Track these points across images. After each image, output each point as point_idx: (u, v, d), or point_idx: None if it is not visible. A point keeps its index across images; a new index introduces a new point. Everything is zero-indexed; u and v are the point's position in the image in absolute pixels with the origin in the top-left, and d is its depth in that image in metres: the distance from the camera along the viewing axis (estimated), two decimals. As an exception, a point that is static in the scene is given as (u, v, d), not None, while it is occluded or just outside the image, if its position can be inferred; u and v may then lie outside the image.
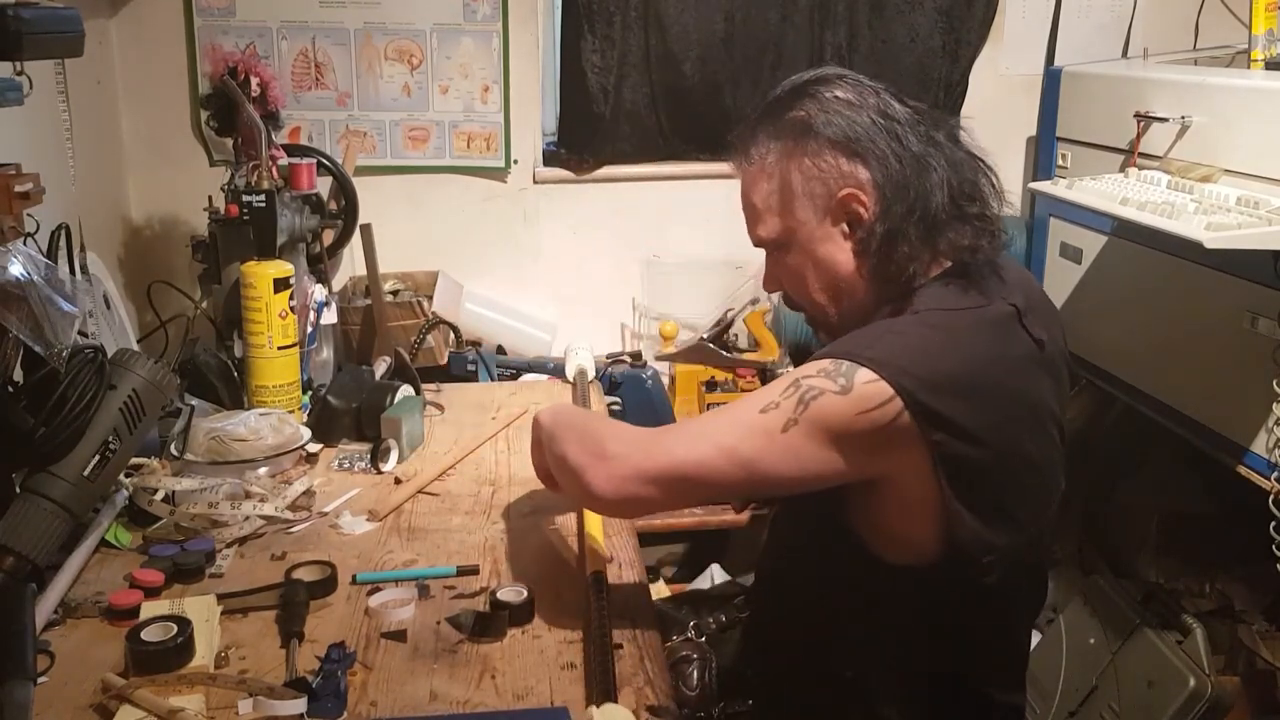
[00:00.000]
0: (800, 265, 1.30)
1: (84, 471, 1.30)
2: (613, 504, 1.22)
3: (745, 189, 1.32)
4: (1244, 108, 1.91)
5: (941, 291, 1.24)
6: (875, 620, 1.24)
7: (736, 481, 1.16)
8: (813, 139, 1.26)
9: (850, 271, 1.28)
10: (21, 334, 1.24)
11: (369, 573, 1.33)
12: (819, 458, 1.13)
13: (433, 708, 1.07)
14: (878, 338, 1.18)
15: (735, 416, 1.18)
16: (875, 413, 1.11)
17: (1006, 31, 2.85)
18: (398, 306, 2.45)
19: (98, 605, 1.24)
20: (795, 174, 1.27)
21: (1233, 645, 2.18)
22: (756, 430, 1.14)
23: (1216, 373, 1.97)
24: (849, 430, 1.12)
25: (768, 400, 1.15)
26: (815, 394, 1.13)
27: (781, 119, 1.29)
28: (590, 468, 1.18)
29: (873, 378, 1.12)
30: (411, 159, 2.76)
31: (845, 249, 1.27)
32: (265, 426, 1.63)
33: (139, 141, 2.65)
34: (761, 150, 1.30)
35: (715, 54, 2.78)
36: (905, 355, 1.14)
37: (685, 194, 2.86)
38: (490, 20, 2.70)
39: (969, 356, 1.17)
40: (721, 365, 2.80)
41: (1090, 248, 2.37)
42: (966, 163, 1.27)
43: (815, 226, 1.27)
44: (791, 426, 1.12)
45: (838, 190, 1.25)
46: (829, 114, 1.26)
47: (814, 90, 1.29)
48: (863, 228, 1.25)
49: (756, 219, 1.32)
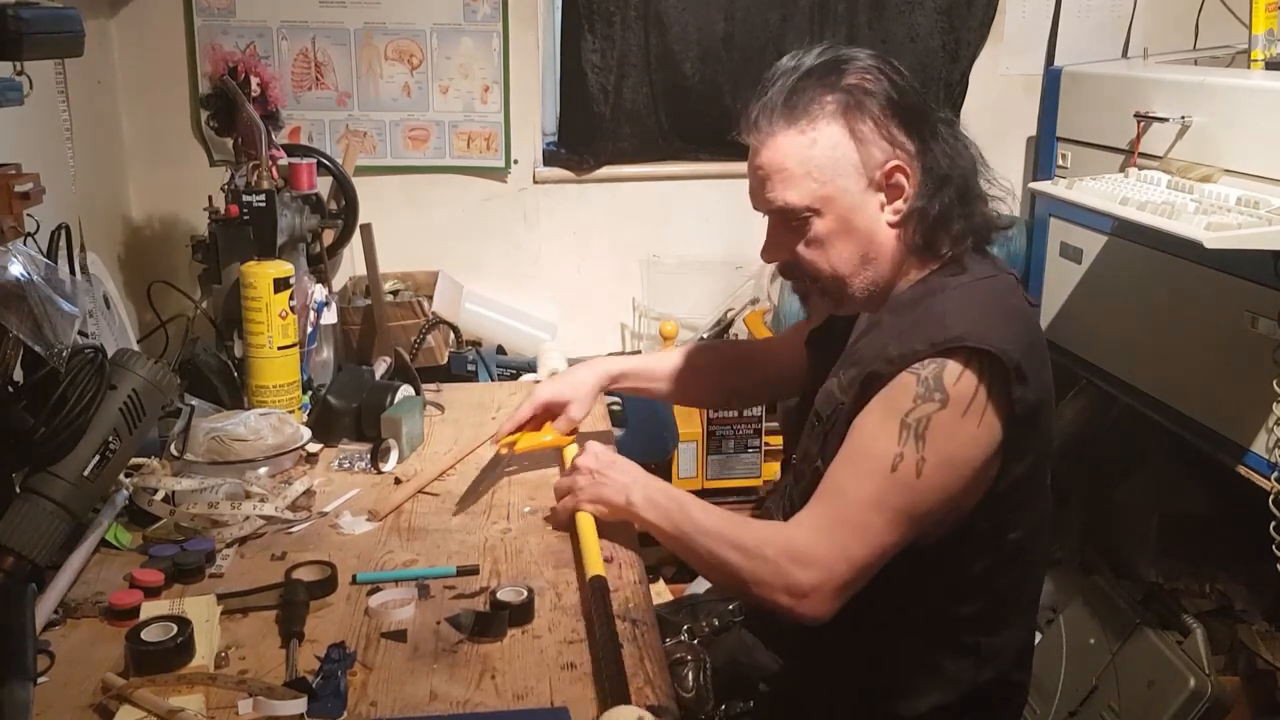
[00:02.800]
0: (830, 233, 1.28)
1: (84, 471, 1.30)
2: (825, 617, 1.23)
3: (776, 151, 1.27)
4: (1244, 108, 1.91)
5: (974, 264, 1.30)
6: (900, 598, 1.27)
7: (905, 538, 1.22)
8: (871, 101, 1.25)
9: (885, 243, 1.29)
10: (21, 334, 1.24)
11: (369, 573, 1.33)
12: (960, 474, 1.21)
13: (433, 708, 1.07)
14: (939, 321, 1.22)
15: (874, 486, 1.20)
16: (975, 400, 1.19)
17: (1006, 31, 2.85)
18: (398, 306, 2.45)
19: (98, 605, 1.24)
20: (850, 137, 1.25)
21: (1233, 645, 2.18)
22: (899, 488, 1.19)
23: (1216, 373, 1.97)
24: (965, 431, 1.19)
25: (891, 455, 1.19)
26: (924, 422, 1.18)
27: (831, 81, 1.26)
28: (796, 605, 1.21)
29: (957, 370, 1.19)
30: (411, 159, 2.75)
31: (883, 220, 1.29)
32: (265, 426, 1.63)
33: (139, 141, 2.65)
34: (812, 110, 1.26)
35: (715, 54, 2.78)
36: (981, 324, 1.21)
37: (685, 194, 2.86)
38: (490, 20, 2.70)
39: (1018, 314, 1.28)
40: (721, 365, 2.80)
41: (1090, 248, 2.38)
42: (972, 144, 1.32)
43: (857, 195, 1.27)
44: (923, 466, 1.18)
45: (888, 160, 1.26)
46: (886, 80, 1.26)
47: (850, 59, 1.28)
48: (904, 199, 1.27)
49: (788, 182, 1.27)
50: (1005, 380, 1.19)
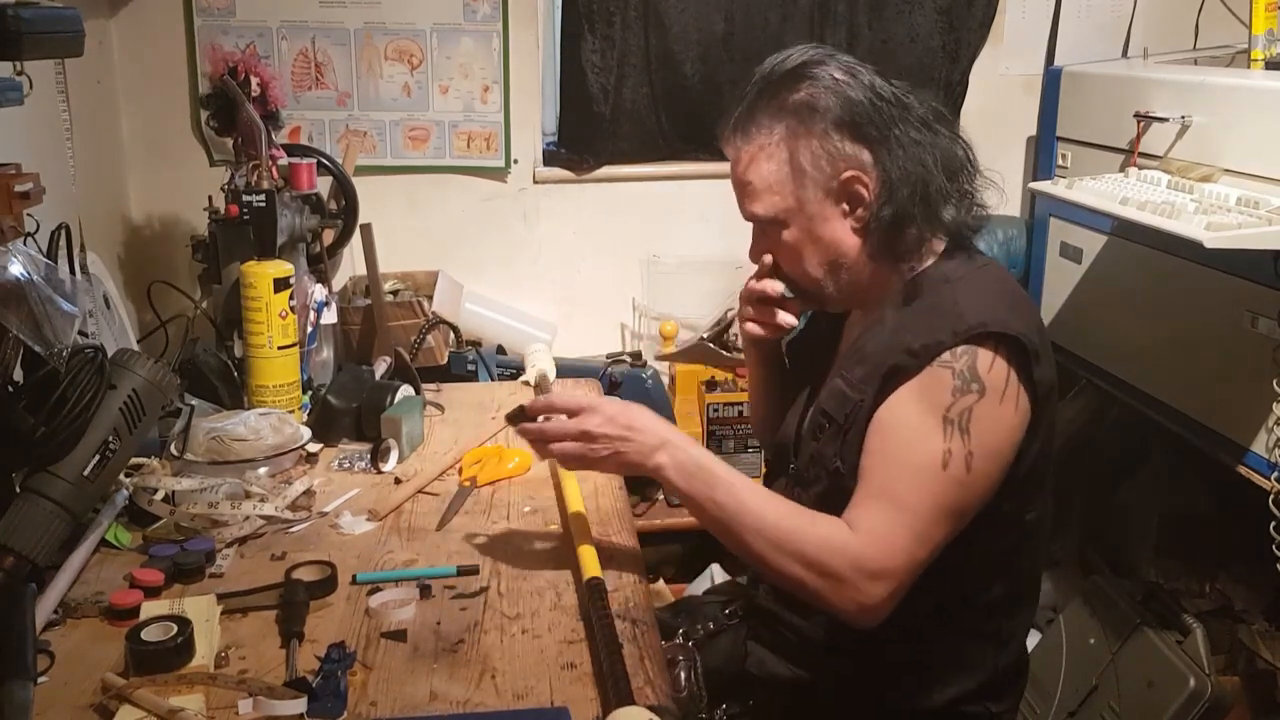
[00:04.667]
0: (798, 242, 1.33)
1: (84, 471, 1.30)
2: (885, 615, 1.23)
3: (742, 168, 1.33)
4: (1244, 108, 1.91)
5: (960, 258, 1.32)
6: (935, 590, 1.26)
7: (955, 530, 1.23)
8: (818, 120, 1.28)
9: (852, 249, 1.32)
10: (21, 334, 1.24)
11: (369, 573, 1.33)
12: (1003, 462, 1.23)
13: (433, 708, 1.07)
14: (955, 311, 1.24)
15: (931, 489, 1.20)
16: (1009, 385, 1.21)
17: (1006, 31, 2.85)
18: (398, 306, 2.45)
19: (98, 605, 1.24)
20: (799, 154, 1.29)
21: (1233, 645, 2.18)
22: (954, 485, 1.20)
23: (1216, 373, 1.97)
24: (1005, 417, 1.21)
25: (940, 454, 1.20)
26: (966, 415, 1.20)
27: (783, 99, 1.30)
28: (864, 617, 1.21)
29: (989, 358, 1.21)
30: (411, 159, 2.75)
31: (846, 228, 1.32)
32: (265, 426, 1.63)
33: (139, 141, 2.65)
34: (764, 130, 1.30)
35: (715, 54, 2.78)
36: (996, 310, 1.23)
37: (685, 194, 2.86)
38: (490, 20, 2.70)
39: (1021, 298, 1.32)
40: (721, 365, 2.79)
41: (1090, 248, 2.37)
42: (948, 138, 1.32)
43: (817, 206, 1.30)
44: (972, 460, 1.20)
45: (841, 172, 1.28)
46: (831, 95, 1.28)
47: (811, 71, 1.30)
48: (864, 208, 1.29)
49: (753, 196, 1.33)
50: (1027, 362, 1.22)
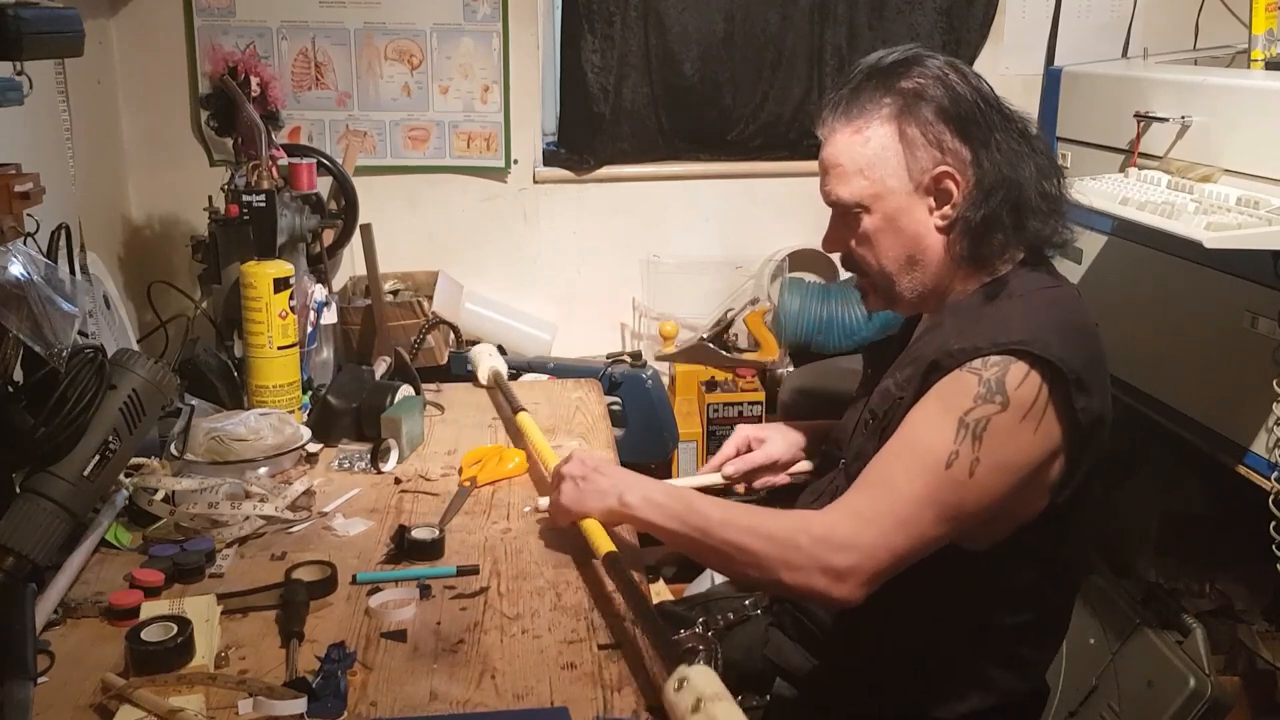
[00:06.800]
0: (877, 230, 1.31)
1: (84, 471, 1.30)
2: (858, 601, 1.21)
3: (835, 148, 1.32)
4: (1244, 108, 1.91)
5: (1034, 274, 1.31)
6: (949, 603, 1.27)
7: (947, 535, 1.21)
8: (925, 107, 1.27)
9: (932, 246, 1.31)
10: (21, 334, 1.24)
11: (369, 573, 1.33)
12: (1010, 479, 1.20)
13: (433, 708, 1.07)
14: (1003, 324, 1.23)
15: (925, 481, 1.19)
16: (1035, 406, 1.19)
17: (1006, 31, 2.85)
18: (398, 306, 2.45)
19: (98, 605, 1.24)
20: (900, 138, 1.28)
21: (1233, 645, 2.18)
22: (951, 485, 1.18)
23: (1216, 373, 1.97)
24: (1022, 437, 1.19)
25: (945, 452, 1.19)
26: (983, 423, 1.18)
27: (891, 84, 1.29)
28: (832, 588, 1.19)
29: (1020, 374, 1.19)
30: (411, 159, 2.76)
31: (930, 224, 1.30)
32: (265, 426, 1.63)
33: (139, 141, 2.65)
34: (867, 111, 1.29)
35: (715, 54, 2.78)
36: (1044, 332, 1.21)
37: (685, 194, 2.86)
38: (490, 20, 2.70)
39: (1081, 329, 1.27)
40: (721, 365, 2.80)
41: (1090, 248, 2.37)
42: (1043, 154, 1.31)
43: (904, 196, 1.29)
44: (977, 467, 1.18)
45: (937, 164, 1.28)
46: (940, 86, 1.28)
47: (922, 62, 1.30)
48: (951, 205, 1.28)
49: (842, 178, 1.31)
50: (1065, 390, 1.20)
